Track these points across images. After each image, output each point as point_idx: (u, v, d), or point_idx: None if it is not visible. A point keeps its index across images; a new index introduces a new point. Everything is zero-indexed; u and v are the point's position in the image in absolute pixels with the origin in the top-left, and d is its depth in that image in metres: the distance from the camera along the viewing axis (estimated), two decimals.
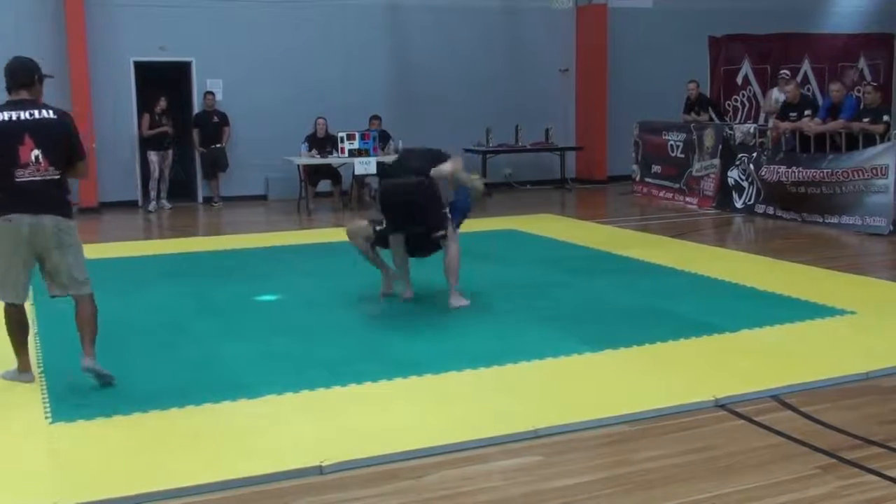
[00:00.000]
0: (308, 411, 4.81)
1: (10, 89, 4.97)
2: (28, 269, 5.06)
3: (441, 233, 6.62)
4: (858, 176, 10.31)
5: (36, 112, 4.89)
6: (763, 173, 11.61)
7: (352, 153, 13.05)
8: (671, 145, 13.66)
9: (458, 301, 6.84)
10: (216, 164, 13.62)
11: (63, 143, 4.93)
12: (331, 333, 6.33)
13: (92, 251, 9.71)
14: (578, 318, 6.67)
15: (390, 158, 13.44)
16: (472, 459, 4.21)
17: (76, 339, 5.62)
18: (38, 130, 4.84)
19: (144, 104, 13.35)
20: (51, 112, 4.94)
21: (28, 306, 6.89)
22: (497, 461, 4.21)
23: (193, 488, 3.89)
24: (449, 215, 6.70)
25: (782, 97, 12.58)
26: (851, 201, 10.44)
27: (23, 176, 4.82)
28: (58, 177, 4.92)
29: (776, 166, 11.39)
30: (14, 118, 4.82)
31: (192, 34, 13.55)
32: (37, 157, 4.82)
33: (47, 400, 4.97)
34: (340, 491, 3.91)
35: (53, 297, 5.19)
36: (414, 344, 6.01)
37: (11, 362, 5.33)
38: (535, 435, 4.46)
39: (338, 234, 10.91)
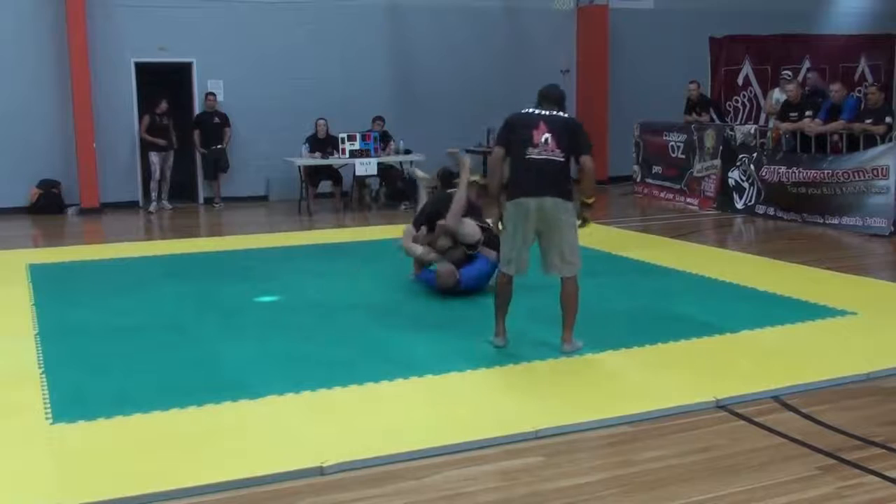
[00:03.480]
0: (309, 412, 4.81)
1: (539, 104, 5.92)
2: (527, 247, 5.77)
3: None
4: (859, 177, 10.31)
5: (553, 111, 5.79)
6: (764, 174, 11.61)
7: (353, 154, 13.05)
8: (672, 146, 13.65)
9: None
10: (217, 165, 13.61)
11: (568, 134, 5.70)
12: (331, 334, 6.33)
13: (93, 251, 9.85)
14: (579, 318, 6.64)
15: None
16: (473, 460, 4.22)
17: (76, 340, 5.64)
18: (551, 122, 5.72)
19: (145, 105, 13.34)
20: (563, 114, 5.83)
21: (28, 307, 6.96)
22: (498, 462, 4.21)
23: (195, 489, 3.90)
24: None
25: (783, 98, 12.57)
26: (852, 202, 10.44)
27: (531, 154, 5.65)
28: (562, 159, 5.64)
29: (777, 167, 11.39)
30: (534, 112, 5.80)
31: (192, 35, 13.53)
32: (546, 140, 5.64)
33: (48, 400, 4.97)
34: (341, 491, 3.91)
35: (547, 274, 5.84)
36: (414, 344, 6.01)
37: None
38: (536, 435, 4.46)
39: (338, 235, 10.95)
